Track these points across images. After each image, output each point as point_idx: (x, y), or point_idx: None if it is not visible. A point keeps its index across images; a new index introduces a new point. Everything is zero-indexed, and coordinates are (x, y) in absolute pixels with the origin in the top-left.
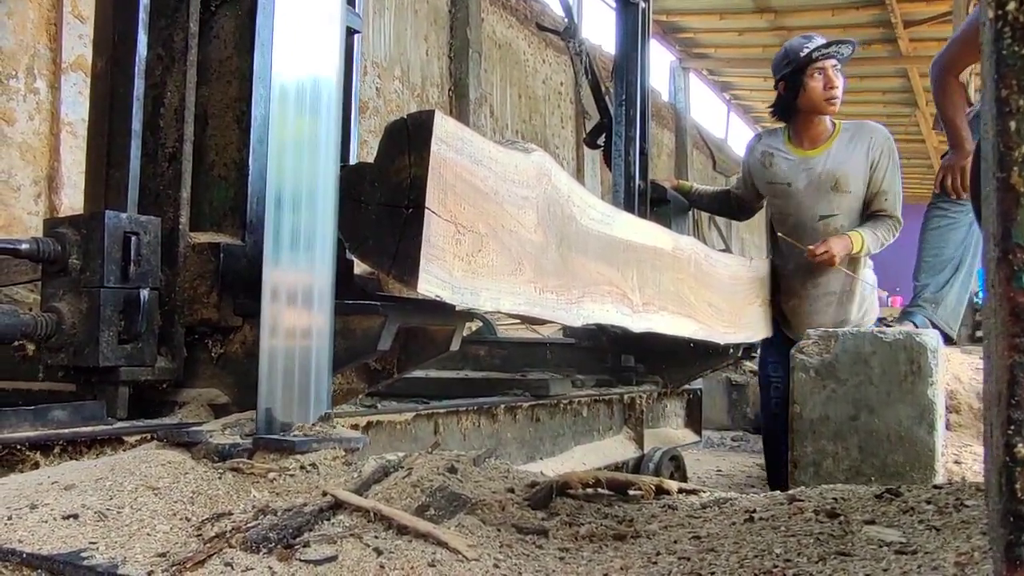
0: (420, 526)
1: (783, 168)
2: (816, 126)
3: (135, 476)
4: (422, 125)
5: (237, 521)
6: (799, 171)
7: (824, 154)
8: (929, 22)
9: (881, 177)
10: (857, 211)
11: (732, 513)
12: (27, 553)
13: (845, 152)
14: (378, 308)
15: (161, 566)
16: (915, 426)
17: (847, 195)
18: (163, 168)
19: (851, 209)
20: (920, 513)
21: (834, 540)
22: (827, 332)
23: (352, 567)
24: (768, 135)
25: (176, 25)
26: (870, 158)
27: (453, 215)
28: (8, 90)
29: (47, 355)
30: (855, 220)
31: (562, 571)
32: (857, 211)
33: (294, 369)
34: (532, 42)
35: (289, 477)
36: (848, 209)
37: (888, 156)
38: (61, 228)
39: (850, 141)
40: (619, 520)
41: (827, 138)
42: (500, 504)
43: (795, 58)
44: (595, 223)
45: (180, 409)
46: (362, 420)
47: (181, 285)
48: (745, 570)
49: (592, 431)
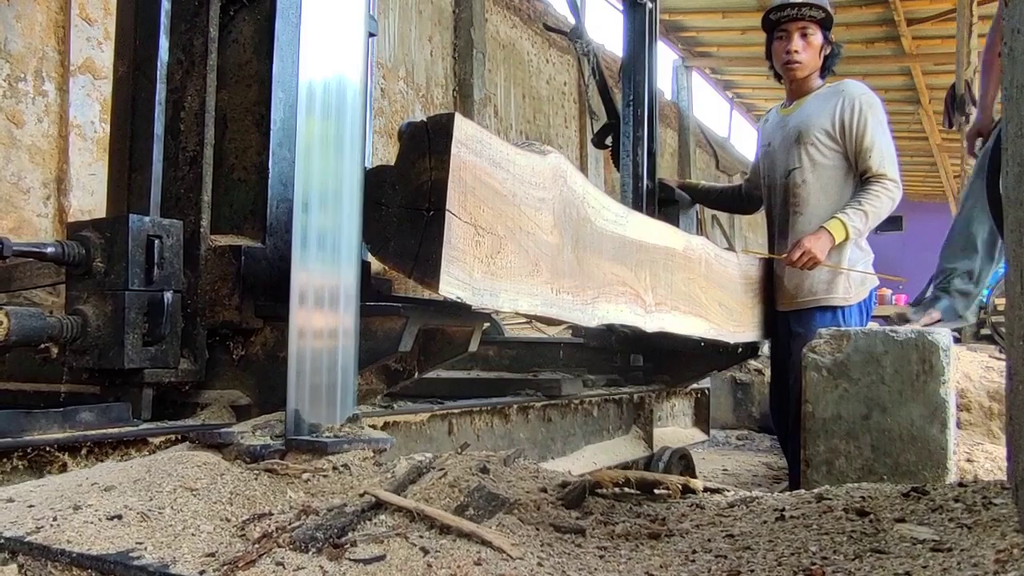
0: (464, 526)
1: (768, 130)
2: (793, 86)
3: (172, 477)
4: (442, 128)
5: (279, 521)
6: (777, 129)
7: (797, 111)
8: (932, 20)
9: (859, 133)
10: (819, 167)
11: (761, 512)
12: (77, 553)
13: (815, 106)
14: (399, 309)
15: (212, 566)
16: (927, 425)
17: (809, 147)
18: (184, 172)
19: (815, 164)
20: (949, 511)
21: (867, 538)
22: (839, 331)
23: (400, 566)
24: (775, 107)
25: (196, 29)
26: (840, 111)
27: (473, 217)
28: (17, 93)
29: (72, 357)
30: (821, 177)
31: (604, 569)
32: (819, 167)
33: (322, 371)
34: (536, 42)
35: (323, 478)
36: (811, 164)
37: (864, 111)
38: (85, 231)
39: (824, 98)
40: (652, 519)
41: (805, 97)
42: (535, 504)
43: (764, 21)
44: (609, 224)
45: (202, 410)
46: (379, 421)
47: (203, 287)
48: (784, 568)
49: (602, 431)
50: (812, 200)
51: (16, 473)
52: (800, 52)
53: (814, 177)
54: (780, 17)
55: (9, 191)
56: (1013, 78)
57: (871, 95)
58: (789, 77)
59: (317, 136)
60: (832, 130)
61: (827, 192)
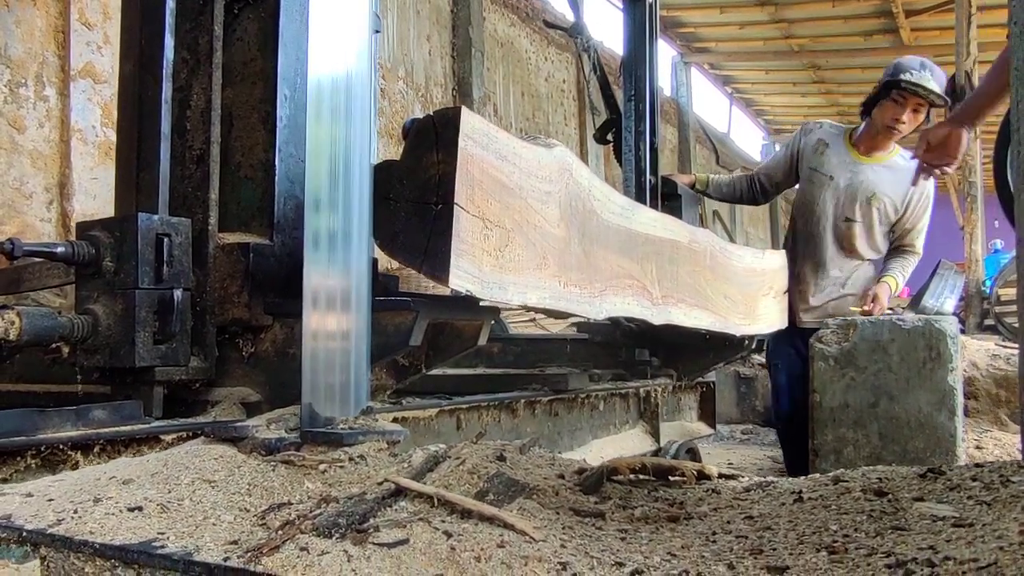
0: (485, 510)
1: (832, 161)
2: (878, 139)
3: (190, 470)
4: (449, 122)
5: (300, 510)
6: (846, 169)
7: (873, 166)
8: (930, 11)
9: (916, 218)
10: (873, 228)
11: (779, 495)
12: (99, 544)
13: (891, 175)
14: (409, 304)
15: (236, 552)
16: (935, 412)
17: (874, 210)
18: (191, 170)
19: (871, 223)
20: (967, 490)
21: (887, 516)
22: (845, 321)
23: (424, 549)
24: (830, 127)
25: (201, 28)
26: (911, 195)
27: (481, 211)
28: (18, 98)
29: (83, 357)
30: (868, 233)
31: (626, 550)
32: (873, 228)
33: (335, 365)
34: (534, 40)
35: (339, 468)
36: (869, 222)
37: (928, 203)
38: (94, 231)
39: (900, 171)
40: (670, 503)
41: (883, 155)
42: (554, 489)
43: (889, 75)
44: (615, 217)
45: (213, 408)
46: (388, 416)
47: (212, 285)
48: (805, 546)
49: (609, 425)
50: (859, 246)
51: (30, 471)
52: (906, 124)
53: (864, 229)
54: (908, 88)
55: (12, 196)
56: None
57: (933, 184)
58: (883, 136)
59: (326, 134)
60: (899, 206)
61: (871, 243)
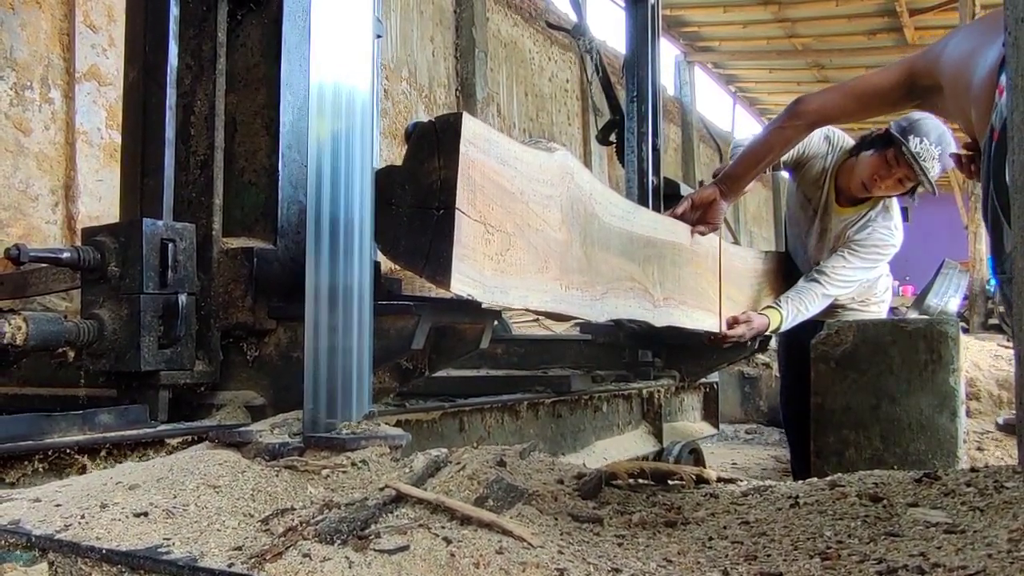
0: (483, 516)
1: (818, 197)
2: (852, 188)
3: (195, 475)
4: (450, 127)
5: (303, 516)
6: (825, 213)
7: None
8: (935, 10)
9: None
10: None
11: (775, 499)
12: (106, 550)
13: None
14: (411, 308)
15: (240, 558)
16: (936, 414)
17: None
18: (195, 175)
19: None
20: (961, 495)
21: (881, 522)
22: (846, 322)
23: (424, 555)
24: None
25: (204, 35)
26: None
27: (482, 215)
28: (24, 100)
29: (88, 361)
30: None
31: (623, 556)
32: None
33: (337, 370)
34: (537, 40)
35: (342, 473)
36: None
37: (872, 247)
38: (100, 236)
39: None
40: (667, 508)
41: (863, 206)
42: (553, 495)
43: (899, 129)
44: (616, 219)
45: (218, 411)
46: (392, 419)
47: (216, 290)
48: (799, 552)
49: (612, 426)
50: None
51: (37, 475)
52: (881, 191)
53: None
54: (903, 154)
55: (18, 198)
56: (1018, 66)
57: (893, 240)
58: (855, 189)
59: (329, 140)
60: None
61: None
